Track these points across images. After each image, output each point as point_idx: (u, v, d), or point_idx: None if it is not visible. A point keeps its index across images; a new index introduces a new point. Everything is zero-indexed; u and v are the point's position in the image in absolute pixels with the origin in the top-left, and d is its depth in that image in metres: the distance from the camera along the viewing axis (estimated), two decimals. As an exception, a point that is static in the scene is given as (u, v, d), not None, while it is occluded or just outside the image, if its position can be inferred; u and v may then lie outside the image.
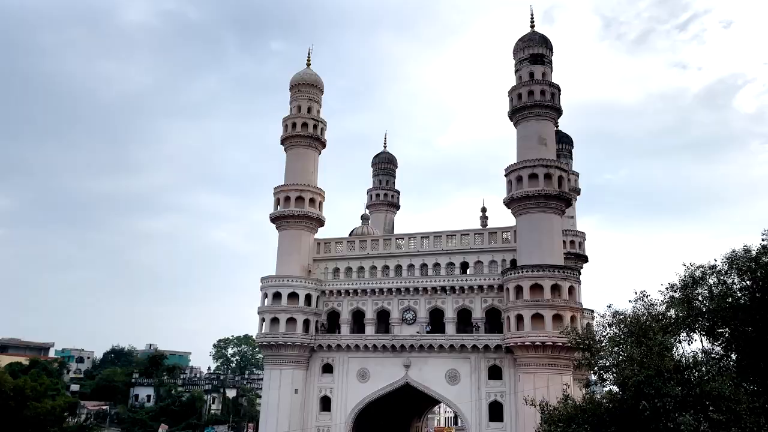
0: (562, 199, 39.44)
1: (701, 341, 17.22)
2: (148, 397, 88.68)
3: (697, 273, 17.64)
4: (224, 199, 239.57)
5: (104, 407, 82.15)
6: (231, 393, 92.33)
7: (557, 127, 44.89)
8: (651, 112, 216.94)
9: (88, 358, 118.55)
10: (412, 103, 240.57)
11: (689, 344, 17.17)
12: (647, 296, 18.42)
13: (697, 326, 16.94)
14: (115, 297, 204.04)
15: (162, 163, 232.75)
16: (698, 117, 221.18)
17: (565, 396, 18.03)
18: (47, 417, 53.12)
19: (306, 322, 43.36)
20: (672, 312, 17.46)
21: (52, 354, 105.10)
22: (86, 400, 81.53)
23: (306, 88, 48.99)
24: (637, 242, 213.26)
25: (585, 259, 50.89)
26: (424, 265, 43.38)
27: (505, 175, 41.02)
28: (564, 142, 53.50)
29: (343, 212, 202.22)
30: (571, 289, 36.94)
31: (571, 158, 54.63)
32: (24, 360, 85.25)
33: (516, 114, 41.82)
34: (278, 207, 46.56)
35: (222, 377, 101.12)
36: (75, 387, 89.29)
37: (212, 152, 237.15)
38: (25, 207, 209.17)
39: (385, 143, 64.86)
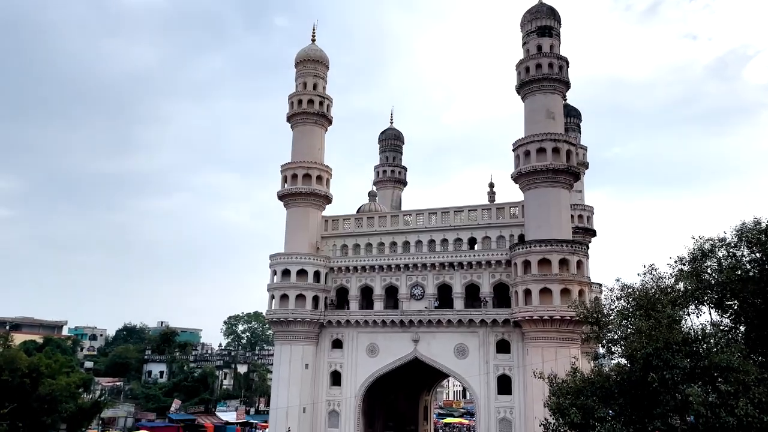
0: (571, 173, 39.26)
1: (710, 314, 17.26)
2: (161, 373, 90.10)
3: (707, 246, 17.60)
4: (231, 177, 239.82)
5: (118, 383, 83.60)
6: (242, 369, 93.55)
7: (565, 100, 44.46)
8: (661, 84, 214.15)
9: (101, 335, 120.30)
10: (419, 78, 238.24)
11: (698, 317, 17.22)
12: (656, 269, 18.42)
13: (705, 299, 16.95)
14: (125, 276, 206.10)
15: (168, 142, 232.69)
16: (708, 88, 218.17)
17: (573, 369, 18.17)
18: (62, 393, 54.06)
19: (315, 299, 43.74)
20: (681, 285, 17.45)
21: (65, 332, 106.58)
22: (100, 376, 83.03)
23: (311, 65, 48.65)
24: (645, 216, 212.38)
25: (593, 233, 50.83)
26: (431, 241, 43.50)
27: (513, 150, 40.82)
28: (572, 115, 53.06)
29: (350, 189, 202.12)
30: (579, 264, 36.98)
31: (580, 132, 54.24)
32: (38, 338, 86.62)
33: (524, 88, 41.43)
34: (285, 185, 46.62)
35: (233, 353, 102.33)
36: (89, 364, 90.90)
37: (218, 131, 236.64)
38: (33, 188, 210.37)
39: (391, 119, 64.56)
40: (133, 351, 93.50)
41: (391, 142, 62.78)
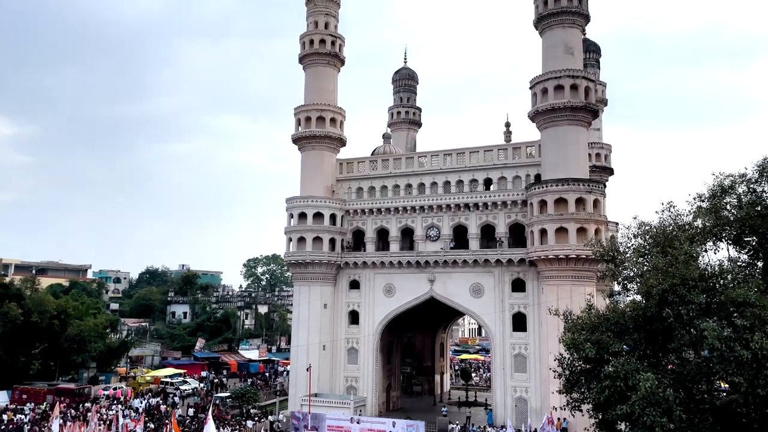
0: (589, 110, 38.49)
1: (728, 250, 17.17)
2: (185, 314, 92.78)
3: (726, 182, 17.30)
4: (246, 120, 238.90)
5: (144, 324, 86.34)
6: (263, 309, 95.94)
7: (585, 35, 43.02)
8: (684, 15, 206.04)
9: (125, 278, 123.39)
10: (433, 15, 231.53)
11: (715, 253, 17.15)
12: (674, 207, 18.24)
13: (723, 235, 16.83)
14: (146, 220, 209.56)
15: (181, 85, 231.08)
16: (735, 18, 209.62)
17: (588, 305, 18.34)
18: (90, 334, 56.21)
19: (332, 241, 44.23)
20: (699, 222, 17.30)
21: (89, 275, 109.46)
22: (125, 317, 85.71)
23: (322, 2, 47.32)
24: (665, 153, 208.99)
25: (611, 171, 50.27)
26: (447, 183, 43.40)
27: (530, 88, 39.95)
28: (591, 50, 51.51)
29: (364, 132, 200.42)
30: (596, 203, 36.77)
31: (599, 67, 52.80)
32: (64, 281, 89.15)
33: (541, 22, 40.10)
34: (299, 128, 46.36)
35: (253, 295, 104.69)
36: (114, 306, 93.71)
37: (231, 73, 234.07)
38: (50, 134, 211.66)
39: (405, 58, 63.25)
40: (156, 293, 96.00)
41: (405, 82, 61.74)
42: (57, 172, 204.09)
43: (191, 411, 43.69)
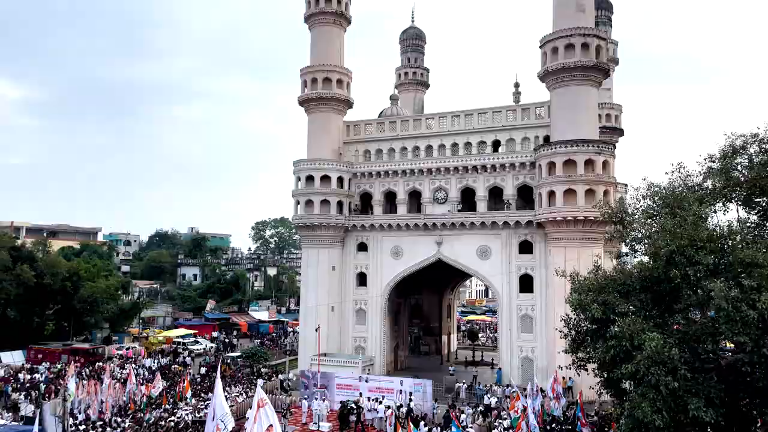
0: (600, 69, 37.81)
1: (737, 211, 17.02)
2: (195, 276, 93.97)
3: (738, 142, 17.02)
4: (252, 82, 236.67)
5: (155, 286, 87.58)
6: (272, 271, 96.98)
7: (597, -9, 41.93)
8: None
9: (135, 241, 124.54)
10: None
11: (724, 214, 17.01)
12: (684, 168, 18.04)
13: (734, 196, 16.67)
14: (155, 183, 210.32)
15: (185, 47, 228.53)
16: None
17: (595, 267, 18.38)
18: (103, 295, 57.15)
19: (339, 204, 44.28)
20: (709, 183, 17.13)
21: (100, 238, 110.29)
22: (137, 279, 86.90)
23: (328, -41, 46.19)
24: (678, 113, 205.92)
25: (621, 132, 49.70)
26: (455, 145, 43.09)
27: (540, 47, 39.20)
28: (603, 8, 50.29)
29: (372, 93, 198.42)
30: (605, 164, 36.47)
31: (611, 26, 51.65)
32: (75, 244, 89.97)
33: (552, -21, 39.04)
34: (305, 89, 45.89)
35: (262, 257, 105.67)
36: (125, 268, 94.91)
37: (236, 34, 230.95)
38: (56, 98, 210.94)
39: (412, 18, 62.06)
40: (166, 255, 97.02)
41: (412, 42, 60.72)
42: (65, 137, 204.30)
43: (203, 370, 44.67)
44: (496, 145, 42.14)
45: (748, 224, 16.49)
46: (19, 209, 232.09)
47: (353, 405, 30.40)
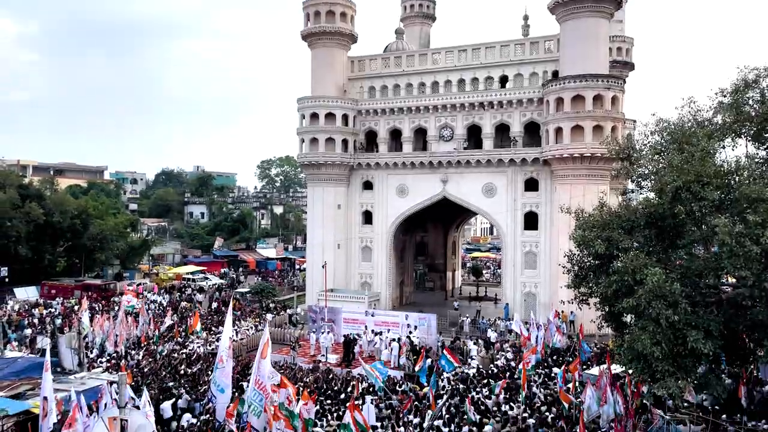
0: (612, 0, 36.62)
1: (746, 146, 16.79)
2: (202, 214, 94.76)
3: (751, 76, 16.58)
4: (254, 16, 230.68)
5: (163, 224, 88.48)
6: (278, 209, 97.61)
7: None
8: None
9: (141, 179, 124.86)
10: None
11: (733, 150, 16.79)
12: (695, 102, 17.67)
13: (743, 131, 16.41)
14: (159, 121, 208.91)
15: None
16: None
17: (600, 203, 18.36)
18: (112, 233, 57.91)
19: (344, 142, 44.00)
20: (719, 118, 16.82)
21: (106, 177, 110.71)
22: (144, 218, 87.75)
23: None
24: (692, 46, 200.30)
25: (632, 66, 48.58)
26: (461, 81, 42.33)
27: (551, -23, 37.79)
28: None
29: (376, 27, 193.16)
30: (614, 99, 35.86)
31: (625, -46, 49.48)
32: (82, 182, 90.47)
33: None
34: (308, 23, 44.72)
35: (268, 195, 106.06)
36: (133, 206, 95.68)
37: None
38: (54, 32, 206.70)
39: (419, -55, 59.38)
40: (173, 194, 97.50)
41: (419, -29, 58.40)
42: (65, 74, 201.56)
43: (214, 305, 45.74)
44: (503, 80, 41.37)
45: (756, 160, 16.31)
46: (25, 147, 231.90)
47: (356, 336, 31.52)
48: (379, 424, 17.50)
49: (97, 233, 55.79)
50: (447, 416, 18.23)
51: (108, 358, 28.75)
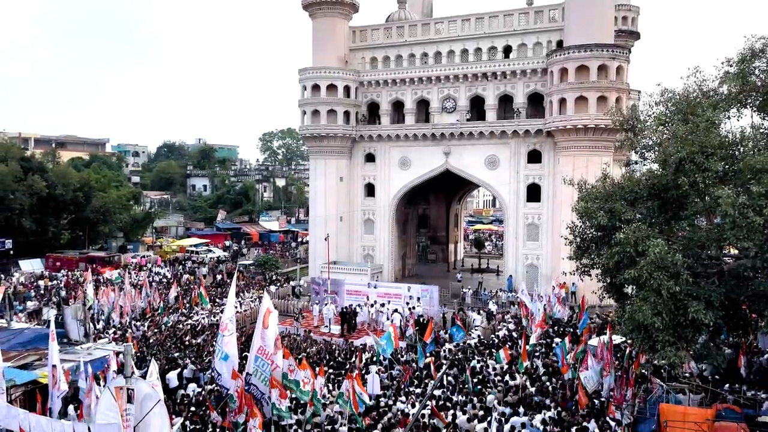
0: (619, -32, 35.95)
1: (752, 117, 16.61)
2: (204, 187, 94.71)
3: (758, 45, 16.30)
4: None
5: (165, 196, 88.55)
6: (280, 182, 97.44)
7: None
8: None
9: (143, 152, 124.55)
10: None
11: (738, 120, 16.62)
12: (700, 72, 17.43)
13: (749, 102, 16.21)
14: (160, 93, 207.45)
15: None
16: None
17: (603, 175, 18.27)
18: (115, 205, 58.02)
19: (346, 114, 43.71)
20: (725, 88, 16.61)
21: (108, 149, 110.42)
22: (147, 190, 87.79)
23: None
24: (700, 14, 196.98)
25: (637, 36, 47.85)
26: (464, 51, 41.82)
27: (556, -56, 37.04)
28: None
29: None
30: (619, 69, 35.44)
31: None
32: (84, 155, 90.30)
33: None
34: (310, -9, 44.05)
35: (270, 168, 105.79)
36: (135, 179, 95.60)
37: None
38: (55, 4, 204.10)
39: None
40: (175, 166, 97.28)
41: (422, -61, 57.25)
42: (68, 46, 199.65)
43: (218, 277, 46.06)
44: (507, 51, 40.86)
45: (761, 130, 16.16)
46: (26, 120, 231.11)
47: (357, 308, 31.94)
48: (382, 393, 17.75)
49: (100, 206, 55.90)
50: (449, 387, 18.46)
51: (114, 329, 29.08)
